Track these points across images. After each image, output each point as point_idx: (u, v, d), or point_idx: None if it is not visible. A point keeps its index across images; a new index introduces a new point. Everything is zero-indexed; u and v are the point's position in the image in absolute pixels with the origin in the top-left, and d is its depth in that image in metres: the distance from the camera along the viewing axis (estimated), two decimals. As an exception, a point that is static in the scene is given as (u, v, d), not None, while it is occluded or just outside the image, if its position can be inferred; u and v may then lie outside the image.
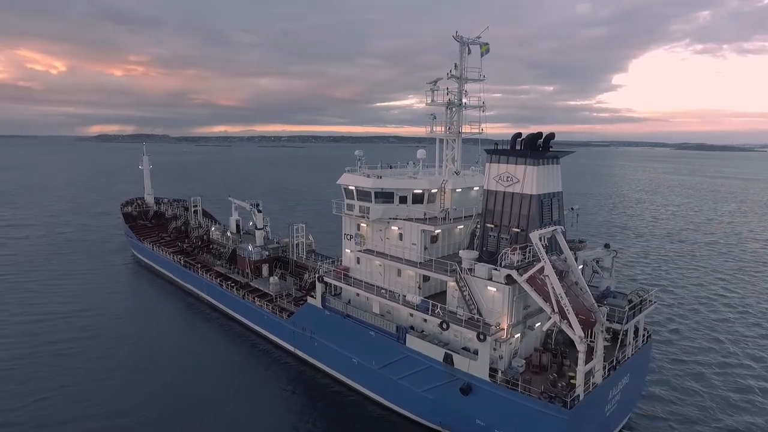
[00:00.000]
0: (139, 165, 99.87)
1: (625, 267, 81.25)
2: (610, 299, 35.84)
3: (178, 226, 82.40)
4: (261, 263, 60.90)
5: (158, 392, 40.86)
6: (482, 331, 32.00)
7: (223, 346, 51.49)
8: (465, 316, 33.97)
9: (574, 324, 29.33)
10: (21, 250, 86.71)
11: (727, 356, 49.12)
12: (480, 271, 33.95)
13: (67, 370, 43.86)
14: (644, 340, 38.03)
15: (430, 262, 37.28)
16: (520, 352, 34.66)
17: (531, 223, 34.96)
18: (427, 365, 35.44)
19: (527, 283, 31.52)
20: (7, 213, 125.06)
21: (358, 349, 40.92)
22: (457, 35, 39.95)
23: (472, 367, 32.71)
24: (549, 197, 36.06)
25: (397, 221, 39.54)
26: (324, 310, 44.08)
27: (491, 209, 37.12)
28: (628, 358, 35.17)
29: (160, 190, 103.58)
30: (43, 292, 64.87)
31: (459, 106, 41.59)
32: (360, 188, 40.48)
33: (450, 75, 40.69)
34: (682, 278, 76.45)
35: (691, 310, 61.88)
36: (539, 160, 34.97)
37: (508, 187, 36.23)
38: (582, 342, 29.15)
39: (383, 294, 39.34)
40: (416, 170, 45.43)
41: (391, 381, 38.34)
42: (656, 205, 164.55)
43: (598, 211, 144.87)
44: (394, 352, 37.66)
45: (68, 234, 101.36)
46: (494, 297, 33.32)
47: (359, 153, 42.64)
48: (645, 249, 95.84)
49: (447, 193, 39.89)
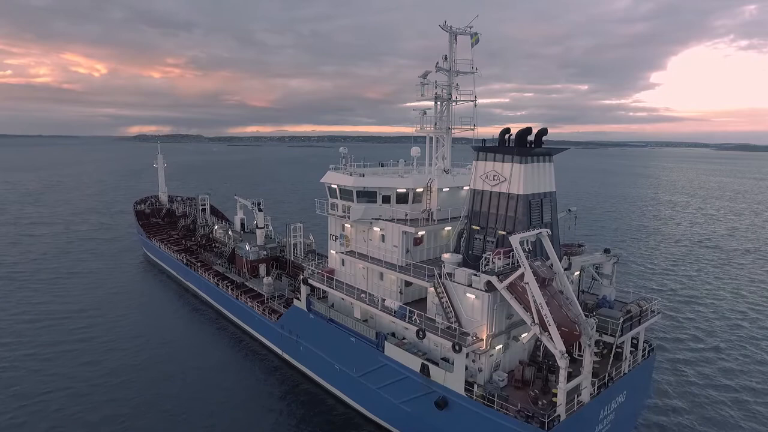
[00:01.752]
0: (153, 163, 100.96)
1: (653, 275, 76.57)
2: (605, 309, 32.86)
3: (186, 224, 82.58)
4: (258, 263, 59.90)
5: (135, 391, 40.17)
6: (458, 342, 29.68)
7: (214, 347, 50.52)
8: (443, 324, 31.70)
9: (555, 337, 26.72)
10: (34, 249, 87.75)
11: (751, 384, 43.72)
12: (460, 277, 31.61)
13: (48, 375, 42.73)
14: (646, 354, 34.86)
15: (410, 266, 35.11)
16: (503, 365, 32.12)
17: (517, 225, 32.36)
18: (404, 375, 33.33)
19: (507, 290, 29.06)
20: (33, 211, 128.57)
21: (340, 355, 39.15)
22: (445, 25, 37.63)
23: (448, 380, 30.43)
24: (539, 198, 33.34)
25: (380, 222, 37.56)
26: (309, 313, 42.53)
27: (477, 210, 34.66)
28: (625, 373, 32.19)
29: (182, 188, 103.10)
30: (45, 291, 64.36)
31: (448, 101, 39.22)
32: (342, 187, 38.70)
33: (438, 67, 38.38)
34: (717, 289, 70.37)
35: (726, 325, 56.35)
36: (527, 157, 32.35)
37: (494, 186, 33.70)
38: (563, 357, 26.50)
39: (363, 298, 37.42)
40: (408, 169, 43.37)
41: (371, 390, 36.41)
42: (693, 208, 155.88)
43: (628, 215, 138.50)
44: (372, 360, 35.70)
45: (82, 232, 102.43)
46: (474, 305, 30.93)
47: (344, 150, 40.84)
48: (677, 256, 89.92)
49: (433, 193, 37.61)
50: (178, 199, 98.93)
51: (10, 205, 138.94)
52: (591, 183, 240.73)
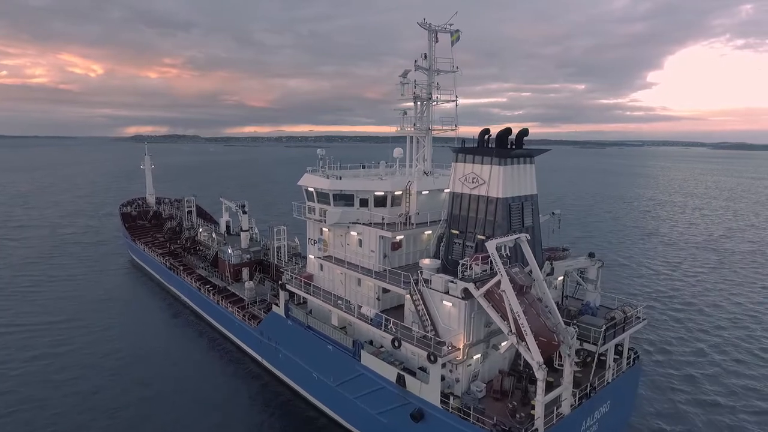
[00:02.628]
0: (140, 165, 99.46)
1: (649, 279, 74.81)
2: (587, 317, 31.68)
3: (173, 226, 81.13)
4: (241, 267, 58.52)
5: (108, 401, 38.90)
6: (433, 352, 28.48)
7: (193, 353, 49.20)
8: (419, 333, 30.49)
9: (532, 347, 25.53)
10: (15, 253, 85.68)
11: (745, 389, 42.61)
12: (436, 283, 30.42)
13: (23, 384, 41.41)
14: (631, 362, 33.71)
15: (386, 272, 33.89)
16: (482, 375, 30.92)
17: (497, 229, 31.18)
18: (380, 386, 32.13)
19: (484, 298, 27.86)
20: (21, 214, 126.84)
21: (317, 364, 37.94)
22: (424, 22, 36.44)
23: (424, 391, 29.24)
24: (519, 201, 32.17)
25: (357, 226, 36.32)
26: (287, 319, 41.31)
27: (456, 214, 33.47)
28: (608, 383, 31.03)
29: (174, 190, 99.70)
30: (20, 299, 62.09)
31: (428, 101, 38.02)
32: (319, 190, 37.50)
33: (417, 66, 37.16)
34: (713, 293, 68.67)
35: (720, 332, 54.66)
36: (506, 159, 31.16)
37: (473, 189, 32.52)
38: (540, 368, 25.31)
39: (340, 305, 36.21)
40: (390, 171, 42.17)
41: (348, 400, 35.20)
42: (690, 209, 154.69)
43: (626, 215, 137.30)
44: (349, 369, 34.49)
45: (68, 236, 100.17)
46: (450, 313, 29.74)
47: (321, 152, 39.58)
48: (675, 259, 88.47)
49: (413, 196, 36.40)
50: (165, 201, 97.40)
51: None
52: (589, 183, 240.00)
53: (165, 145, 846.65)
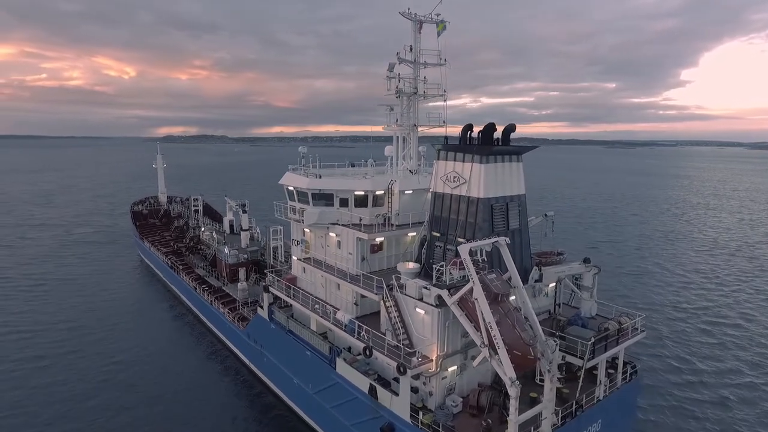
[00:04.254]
0: (153, 164, 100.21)
1: (673, 288, 69.18)
2: (575, 328, 29.22)
3: (180, 225, 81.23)
4: (237, 267, 57.45)
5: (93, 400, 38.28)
6: (402, 362, 26.60)
7: (187, 355, 48.23)
8: (392, 342, 28.63)
9: (504, 361, 23.39)
10: (25, 252, 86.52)
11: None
12: (411, 289, 28.52)
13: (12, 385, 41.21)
14: (628, 377, 31.05)
15: (366, 276, 32.11)
16: (459, 389, 28.82)
17: (477, 232, 29.09)
18: (354, 396, 30.43)
19: (458, 306, 25.84)
20: (42, 212, 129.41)
21: (297, 369, 36.50)
22: (408, 12, 34.51)
23: (394, 404, 27.39)
24: (503, 201, 29.97)
25: (336, 227, 34.68)
26: (270, 323, 40.01)
27: (438, 215, 31.51)
28: (599, 400, 28.54)
29: (193, 191, 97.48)
30: (19, 299, 61.95)
31: (413, 95, 36.07)
32: (299, 189, 36.01)
33: (400, 59, 35.22)
34: (751, 306, 62.50)
35: (738, 348, 50.08)
36: (489, 156, 29.02)
37: (454, 188, 30.51)
38: (513, 385, 23.14)
39: (317, 310, 34.62)
40: (380, 170, 40.42)
41: (324, 409, 33.61)
42: (725, 212, 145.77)
43: (655, 218, 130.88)
44: (325, 377, 32.90)
45: (80, 235, 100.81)
46: (424, 321, 27.79)
47: (302, 149, 38.10)
48: (705, 265, 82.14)
49: (395, 196, 34.54)
50: (176, 199, 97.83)
51: (21, 206, 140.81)
52: (616, 184, 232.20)
53: (194, 145, 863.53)
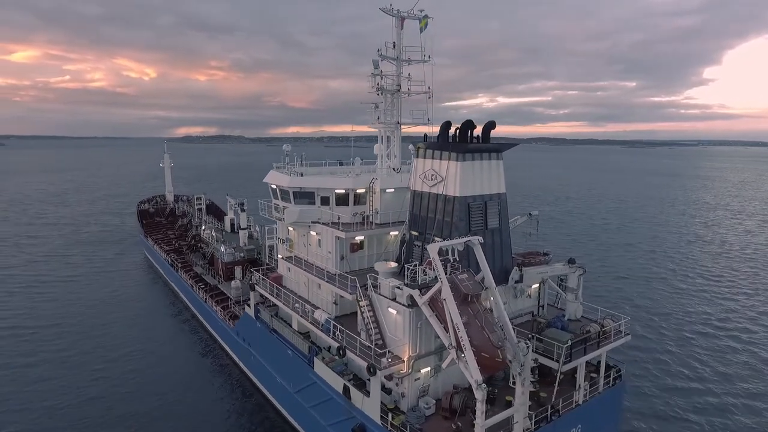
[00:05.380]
0: (160, 163, 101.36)
1: (683, 294, 65.89)
2: (553, 331, 28.42)
3: (184, 223, 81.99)
4: (233, 265, 57.69)
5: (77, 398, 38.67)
6: (372, 363, 26.20)
7: (182, 351, 48.53)
8: (366, 341, 28.25)
9: (471, 363, 22.82)
10: (33, 251, 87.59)
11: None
12: (384, 289, 28.10)
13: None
14: (611, 381, 30.16)
15: (342, 275, 31.79)
16: (433, 390, 28.30)
17: (454, 231, 28.56)
18: (329, 396, 30.14)
19: (428, 306, 25.35)
20: (55, 211, 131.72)
21: (280, 368, 36.38)
22: (390, 8, 34.06)
23: (366, 405, 27.01)
24: (481, 200, 29.36)
25: (317, 226, 34.44)
26: (256, 321, 39.98)
27: (417, 214, 31.07)
28: (578, 404, 27.75)
29: (202, 191, 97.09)
30: (24, 297, 62.61)
31: (396, 92, 35.62)
32: (281, 187, 35.87)
33: (382, 56, 34.77)
34: (748, 311, 59.67)
35: (735, 354, 48.04)
36: (465, 154, 28.45)
37: (432, 187, 30.02)
38: (479, 388, 22.56)
39: (297, 309, 34.42)
40: (368, 168, 40.12)
41: (304, 408, 33.40)
42: (747, 215, 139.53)
43: (672, 220, 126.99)
44: (304, 377, 32.67)
45: (88, 234, 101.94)
46: (396, 321, 27.36)
47: (287, 147, 37.95)
48: (724, 271, 77.53)
49: (376, 194, 34.15)
50: (183, 198, 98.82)
51: (34, 205, 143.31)
52: (632, 184, 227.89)
53: (211, 145, 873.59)
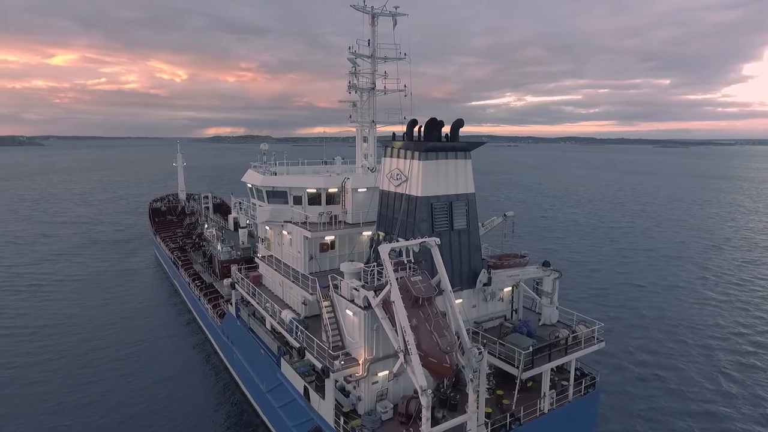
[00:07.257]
0: (173, 162, 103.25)
1: (705, 304, 61.11)
2: (515, 336, 27.44)
3: (191, 222, 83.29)
4: (230, 263, 58.13)
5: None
6: (326, 365, 25.80)
7: (176, 348, 48.93)
8: (324, 343, 27.89)
9: (416, 368, 22.17)
10: (43, 249, 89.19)
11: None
12: (344, 290, 27.66)
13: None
14: (583, 389, 28.95)
15: (305, 276, 31.49)
16: (393, 395, 27.70)
17: (416, 232, 27.90)
18: (293, 397, 29.90)
19: (381, 308, 24.79)
20: (73, 210, 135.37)
21: (255, 367, 36.34)
22: (363, 6, 33.54)
23: (322, 407, 26.63)
24: (446, 201, 28.60)
25: (288, 225, 34.27)
26: (237, 320, 40.09)
27: (384, 213, 30.53)
28: (543, 413, 26.72)
29: (219, 189, 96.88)
30: (21, 298, 62.89)
31: (370, 91, 35.11)
32: (255, 186, 35.84)
33: (354, 53, 34.26)
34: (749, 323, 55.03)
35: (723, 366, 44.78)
36: (428, 153, 27.75)
37: (398, 186, 29.43)
38: (424, 394, 21.89)
39: (268, 309, 34.31)
40: (349, 168, 39.75)
41: (274, 408, 33.26)
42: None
43: (702, 223, 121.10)
44: (272, 377, 32.53)
45: (102, 233, 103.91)
46: (353, 323, 26.89)
47: (264, 146, 37.93)
48: (748, 278, 73.09)
49: (348, 194, 33.73)
50: (195, 197, 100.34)
51: (56, 203, 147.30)
52: (659, 187, 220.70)
53: (239, 145, 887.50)
